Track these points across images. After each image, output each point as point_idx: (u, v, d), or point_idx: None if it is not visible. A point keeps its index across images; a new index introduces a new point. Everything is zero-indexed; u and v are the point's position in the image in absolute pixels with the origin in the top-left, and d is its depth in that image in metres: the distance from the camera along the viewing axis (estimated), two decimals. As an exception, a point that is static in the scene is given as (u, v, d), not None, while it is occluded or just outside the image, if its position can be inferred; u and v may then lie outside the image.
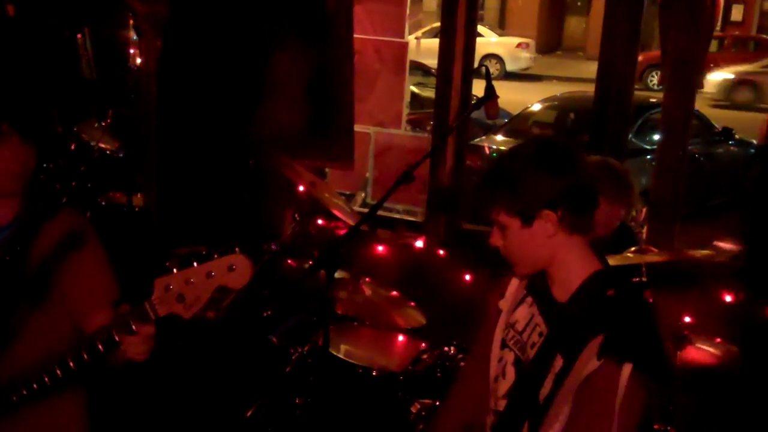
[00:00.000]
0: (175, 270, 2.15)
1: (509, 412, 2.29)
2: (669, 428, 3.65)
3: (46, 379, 2.34)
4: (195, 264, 2.14)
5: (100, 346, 2.25)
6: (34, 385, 2.35)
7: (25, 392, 2.37)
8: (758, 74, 18.89)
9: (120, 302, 2.57)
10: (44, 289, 2.52)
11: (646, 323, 2.20)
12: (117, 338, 2.22)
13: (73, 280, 2.59)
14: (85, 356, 2.27)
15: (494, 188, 2.20)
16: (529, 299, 2.38)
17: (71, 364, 2.30)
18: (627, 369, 2.01)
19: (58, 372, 2.32)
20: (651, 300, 3.65)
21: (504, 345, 2.41)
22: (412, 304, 4.19)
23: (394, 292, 4.23)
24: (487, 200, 2.21)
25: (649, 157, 8.37)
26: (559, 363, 2.13)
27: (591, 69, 6.33)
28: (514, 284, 2.47)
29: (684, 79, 5.08)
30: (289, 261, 4.37)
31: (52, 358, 2.34)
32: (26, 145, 2.46)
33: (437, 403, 3.58)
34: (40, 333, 2.54)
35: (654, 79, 18.96)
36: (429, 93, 10.01)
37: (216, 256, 2.13)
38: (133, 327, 2.20)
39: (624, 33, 5.03)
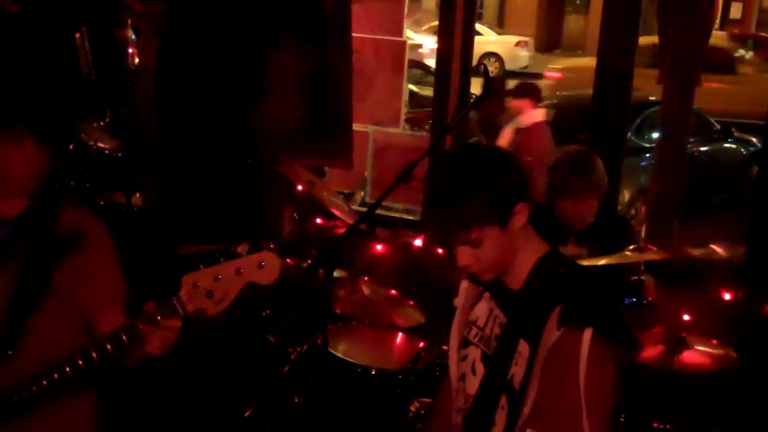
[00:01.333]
0: (202, 267, 2.17)
1: (479, 404, 2.29)
2: (668, 427, 3.65)
3: (57, 377, 2.35)
4: (222, 261, 2.19)
5: (124, 338, 2.29)
6: (44, 383, 2.36)
7: (35, 390, 2.38)
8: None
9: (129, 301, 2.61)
10: (44, 288, 2.52)
11: (602, 291, 2.22)
12: (143, 331, 2.26)
13: (79, 280, 2.58)
14: (109, 348, 2.30)
15: (466, 208, 2.10)
16: (486, 294, 2.38)
17: (80, 362, 2.33)
18: (588, 334, 2.02)
19: (68, 370, 2.34)
20: (650, 299, 3.66)
21: (467, 343, 2.40)
22: (411, 303, 4.19)
23: (393, 291, 4.24)
24: (460, 224, 2.12)
25: (648, 155, 8.37)
26: (525, 348, 2.14)
27: (590, 67, 6.33)
28: (465, 281, 2.46)
29: (682, 77, 5.08)
30: (287, 260, 4.36)
31: (62, 358, 2.35)
32: (41, 147, 2.46)
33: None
34: (48, 332, 2.54)
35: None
36: (428, 92, 10.00)
37: (244, 252, 2.16)
38: (159, 319, 2.24)
39: (622, 31, 5.03)
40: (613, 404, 2.11)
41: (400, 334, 4.19)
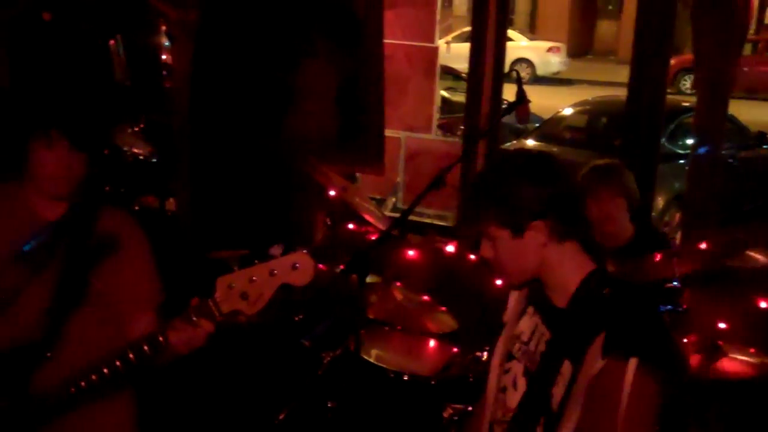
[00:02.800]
0: (236, 269, 2.20)
1: (518, 421, 2.28)
2: (704, 435, 3.62)
3: (95, 378, 2.38)
4: (256, 263, 2.21)
5: (160, 338, 2.32)
6: (83, 384, 2.39)
7: (74, 391, 2.40)
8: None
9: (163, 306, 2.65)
10: (82, 290, 2.55)
11: (648, 316, 2.18)
12: (176, 326, 2.30)
13: (115, 282, 2.62)
14: (146, 349, 2.33)
15: (483, 202, 2.20)
16: (531, 309, 2.38)
17: (118, 363, 2.35)
18: (633, 363, 1.99)
19: (106, 371, 2.37)
20: (685, 306, 3.62)
21: (511, 357, 2.40)
22: (444, 309, 4.18)
23: (426, 297, 4.22)
24: (477, 214, 2.22)
25: (682, 161, 8.30)
26: (568, 368, 2.12)
27: (623, 73, 6.29)
28: (514, 296, 2.47)
29: (717, 83, 5.04)
30: (320, 266, 4.37)
31: (100, 360, 2.38)
32: (75, 151, 2.49)
33: (469, 409, 3.57)
34: (86, 335, 2.57)
35: (687, 83, 18.77)
36: (459, 97, 9.99)
37: (278, 254, 2.18)
38: (194, 319, 2.27)
39: (656, 37, 4.99)
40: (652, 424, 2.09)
41: (433, 340, 4.18)
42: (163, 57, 6.96)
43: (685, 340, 3.72)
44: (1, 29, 5.53)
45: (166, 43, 6.66)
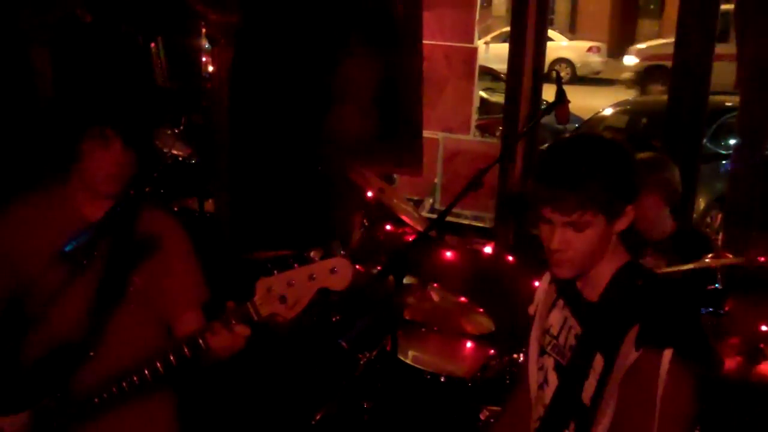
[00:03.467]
0: (276, 272, 2.21)
1: (551, 416, 2.27)
2: (745, 438, 3.57)
3: (136, 379, 2.41)
4: (296, 266, 2.23)
5: (200, 341, 2.34)
6: (124, 384, 2.42)
7: (115, 391, 2.44)
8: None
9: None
10: (124, 290, 2.58)
11: (682, 309, 2.16)
12: (216, 330, 2.31)
13: (158, 281, 2.66)
14: (187, 352, 2.35)
15: (593, 188, 2.07)
16: (560, 302, 2.36)
17: (158, 365, 2.38)
18: (667, 355, 1.98)
19: (147, 372, 2.40)
20: (727, 308, 3.58)
21: (543, 351, 2.39)
22: (481, 310, 4.17)
23: (463, 298, 4.22)
24: (579, 202, 2.07)
25: (724, 162, 8.18)
26: (599, 362, 2.10)
27: (664, 73, 6.22)
28: (542, 289, 2.45)
29: (761, 82, 4.96)
30: (357, 267, 4.38)
31: (141, 359, 2.41)
32: (128, 151, 2.54)
33: (506, 411, 3.56)
34: (128, 334, 2.61)
35: (730, 81, 18.52)
36: (498, 98, 9.94)
37: (317, 258, 2.20)
38: (233, 322, 2.29)
39: (698, 35, 4.93)
40: (688, 426, 2.06)
41: (470, 341, 4.18)
42: (203, 59, 7.02)
43: (727, 343, 3.68)
44: (45, 31, 5.60)
45: (207, 46, 6.71)
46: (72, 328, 2.51)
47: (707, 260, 3.58)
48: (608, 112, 10.65)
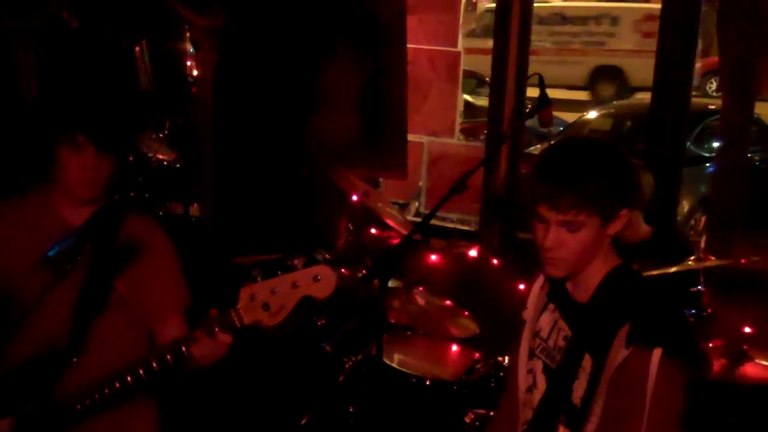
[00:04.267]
0: (259, 279, 2.22)
1: (539, 418, 2.27)
2: (729, 440, 3.58)
3: (118, 385, 2.40)
4: (279, 274, 2.23)
5: (183, 348, 2.34)
6: (106, 391, 2.41)
7: (97, 398, 2.42)
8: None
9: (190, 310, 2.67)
10: (107, 295, 2.56)
11: (672, 309, 2.18)
12: (198, 339, 2.31)
13: (141, 287, 2.64)
14: (169, 358, 2.34)
15: (591, 189, 2.08)
16: (551, 306, 2.36)
17: (141, 371, 2.37)
18: (657, 354, 1.99)
19: (129, 379, 2.39)
20: (710, 310, 3.59)
21: (532, 354, 2.39)
22: (466, 313, 4.17)
23: (448, 302, 4.22)
24: (576, 201, 2.07)
25: (708, 165, 8.22)
26: (588, 363, 2.11)
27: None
28: (534, 293, 2.45)
29: (743, 86, 4.99)
30: (342, 270, 4.38)
31: (124, 366, 2.40)
32: (102, 155, 2.50)
33: (491, 414, 3.56)
34: (111, 340, 2.59)
35: (713, 85, 18.62)
36: (483, 102, 9.97)
37: (301, 266, 2.20)
38: (216, 330, 2.28)
39: (680, 39, 4.96)
40: (678, 426, 2.07)
41: (455, 344, 4.18)
42: (188, 63, 7.00)
43: (710, 344, 3.70)
44: (30, 36, 5.58)
45: (191, 50, 6.70)
46: (55, 334, 2.49)
47: (690, 262, 3.60)
48: (593, 115, 10.68)
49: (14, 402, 2.45)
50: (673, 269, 3.51)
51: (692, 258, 3.66)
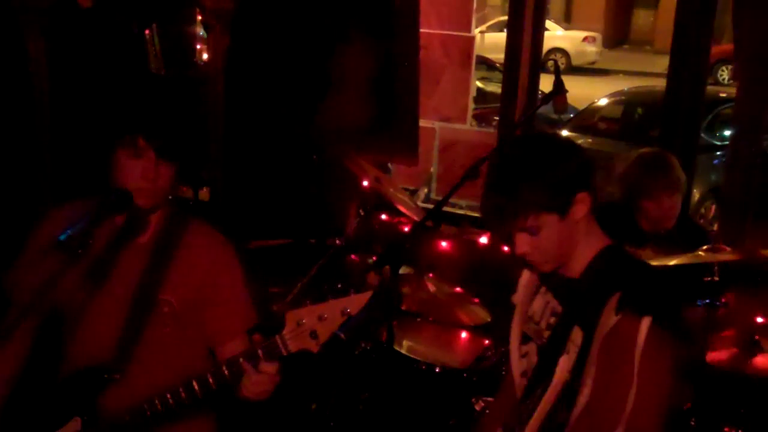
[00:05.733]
0: (308, 303, 2.11)
1: (529, 392, 2.28)
2: (739, 431, 3.57)
3: (171, 400, 2.31)
4: (329, 299, 2.11)
5: (226, 373, 2.24)
6: (158, 405, 2.33)
7: (148, 412, 2.34)
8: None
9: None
10: (158, 311, 2.50)
11: (663, 283, 2.19)
12: (244, 368, 2.20)
13: (199, 305, 2.55)
14: (212, 382, 2.25)
15: (526, 192, 2.09)
16: (543, 288, 2.37)
17: (197, 388, 2.28)
18: (646, 322, 2.00)
19: (183, 394, 2.30)
20: (724, 300, 3.58)
21: (527, 339, 2.40)
22: (476, 300, 4.16)
23: (458, 289, 4.21)
24: (517, 209, 2.10)
25: (719, 153, 8.20)
26: (578, 335, 2.11)
27: (659, 63, 6.24)
28: (525, 277, 2.46)
29: (758, 73, 4.95)
30: (353, 256, 4.37)
31: (179, 380, 2.31)
32: (163, 162, 2.40)
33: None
34: (162, 354, 2.51)
35: (725, 73, 18.52)
36: (493, 88, 9.93)
37: (352, 291, 2.11)
38: (261, 357, 2.17)
39: (696, 26, 4.92)
40: (666, 396, 2.07)
41: (465, 331, 4.17)
42: (198, 47, 6.97)
43: (722, 334, 3.69)
44: (40, 17, 5.55)
45: (201, 33, 6.67)
46: (103, 347, 2.45)
47: (702, 253, 3.58)
48: (603, 102, 10.65)
49: (56, 417, 2.41)
50: (684, 261, 3.49)
51: (705, 248, 3.63)
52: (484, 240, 5.55)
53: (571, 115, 10.36)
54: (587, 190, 2.15)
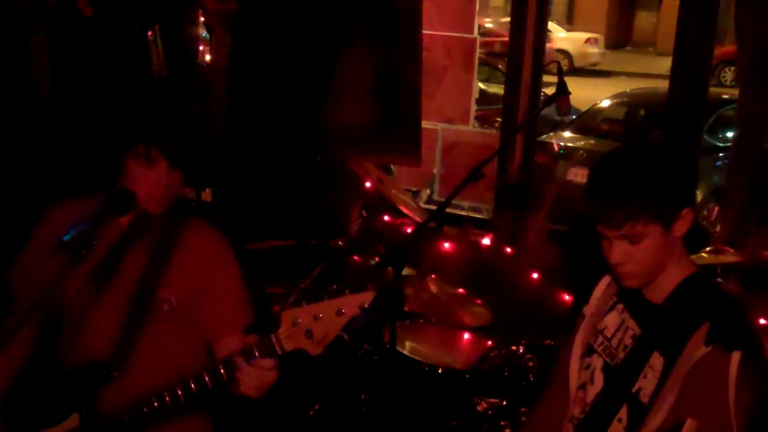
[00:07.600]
0: (304, 303, 2.11)
1: (595, 413, 2.27)
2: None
3: (168, 398, 2.31)
4: (325, 298, 2.11)
5: (222, 371, 2.24)
6: (155, 404, 2.33)
7: (146, 410, 2.34)
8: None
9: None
10: (156, 309, 2.50)
11: (747, 318, 2.17)
12: (238, 366, 2.20)
13: (197, 302, 2.55)
14: (208, 381, 2.25)
15: (639, 200, 2.06)
16: (620, 306, 2.34)
17: (193, 386, 2.28)
18: (736, 357, 1.97)
19: (180, 393, 2.30)
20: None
21: (592, 351, 2.37)
22: (479, 301, 4.16)
23: (461, 290, 4.21)
24: (627, 215, 2.07)
25: (721, 154, 8.19)
26: (658, 360, 2.10)
27: (661, 65, 6.23)
28: (599, 290, 2.42)
29: (761, 75, 4.96)
30: (355, 257, 4.37)
31: (179, 378, 2.30)
32: (174, 171, 2.44)
33: (504, 403, 3.56)
34: (160, 352, 2.51)
35: (727, 75, 18.52)
36: (495, 89, 9.93)
37: (347, 291, 2.09)
38: (257, 355, 2.17)
39: (699, 28, 4.92)
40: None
41: (468, 333, 4.17)
42: (201, 48, 6.98)
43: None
44: (44, 18, 5.56)
45: (204, 34, 6.67)
46: (102, 345, 2.46)
47: (705, 255, 3.58)
48: (606, 103, 10.63)
49: (54, 413, 2.41)
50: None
51: (708, 249, 3.63)
52: (486, 241, 5.55)
53: (574, 117, 10.34)
54: (692, 207, 2.13)
